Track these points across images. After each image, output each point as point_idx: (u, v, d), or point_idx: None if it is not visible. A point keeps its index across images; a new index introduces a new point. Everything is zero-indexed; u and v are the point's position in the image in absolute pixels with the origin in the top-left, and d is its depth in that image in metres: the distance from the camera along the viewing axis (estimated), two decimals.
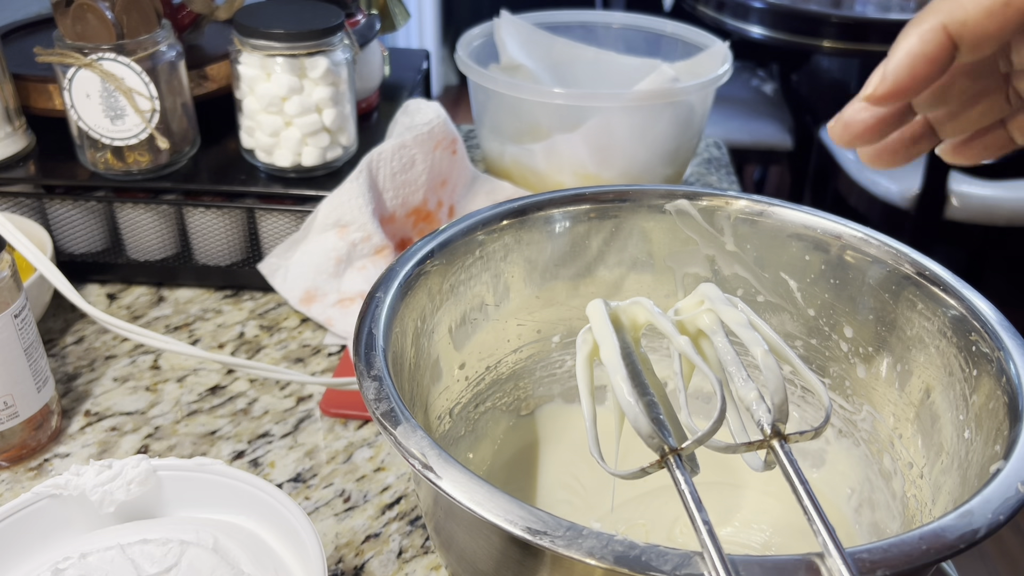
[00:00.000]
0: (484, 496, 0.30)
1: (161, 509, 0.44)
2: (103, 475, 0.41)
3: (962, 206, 1.61)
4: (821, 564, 0.28)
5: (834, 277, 0.45)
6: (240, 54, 0.66)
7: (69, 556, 0.39)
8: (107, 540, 0.40)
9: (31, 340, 0.51)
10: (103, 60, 0.62)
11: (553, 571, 0.32)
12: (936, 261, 0.43)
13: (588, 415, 0.35)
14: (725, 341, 0.35)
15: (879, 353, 0.44)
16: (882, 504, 0.44)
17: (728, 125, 1.83)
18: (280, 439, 0.56)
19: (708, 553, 0.28)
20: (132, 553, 0.39)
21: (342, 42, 0.67)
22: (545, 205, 0.47)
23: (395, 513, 0.51)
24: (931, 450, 0.41)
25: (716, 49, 0.81)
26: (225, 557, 0.39)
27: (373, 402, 0.35)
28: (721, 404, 0.31)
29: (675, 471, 0.31)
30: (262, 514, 0.42)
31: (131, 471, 0.42)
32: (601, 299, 0.37)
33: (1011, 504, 0.30)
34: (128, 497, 0.42)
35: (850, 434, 0.47)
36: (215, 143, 0.73)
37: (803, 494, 0.30)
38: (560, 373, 0.52)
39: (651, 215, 0.48)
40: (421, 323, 0.43)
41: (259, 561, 0.40)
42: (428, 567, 0.48)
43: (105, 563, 0.38)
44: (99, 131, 0.65)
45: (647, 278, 0.49)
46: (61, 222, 0.69)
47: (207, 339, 0.66)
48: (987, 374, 0.38)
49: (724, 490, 0.48)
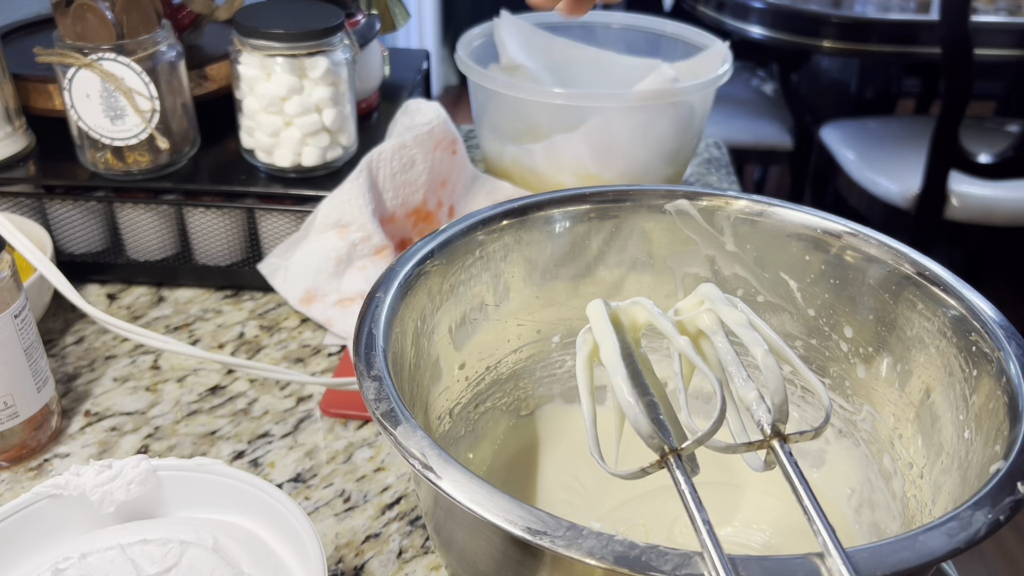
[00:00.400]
0: (484, 496, 0.30)
1: (161, 509, 0.44)
2: (103, 475, 0.42)
3: (962, 206, 1.61)
4: (821, 564, 0.28)
5: (834, 277, 0.45)
6: (240, 54, 0.66)
7: (69, 556, 0.39)
8: (107, 540, 0.40)
9: (31, 340, 0.51)
10: (103, 60, 0.62)
11: (553, 571, 0.32)
12: (936, 261, 0.43)
13: (588, 415, 0.35)
14: (725, 341, 0.35)
15: (879, 353, 0.44)
16: (882, 504, 0.44)
17: (728, 125, 1.83)
18: (280, 439, 0.56)
19: (708, 553, 0.28)
20: (132, 553, 0.39)
21: (342, 42, 0.67)
22: (545, 205, 0.47)
23: (395, 513, 0.51)
24: (931, 450, 0.41)
25: (716, 49, 0.81)
26: (225, 557, 0.39)
27: (373, 402, 0.35)
28: (721, 404, 0.31)
29: (675, 471, 0.31)
30: (262, 514, 0.42)
31: (131, 471, 0.42)
32: (601, 299, 0.37)
33: (1011, 504, 0.30)
34: (128, 497, 0.42)
35: (850, 434, 0.47)
36: (215, 143, 0.73)
37: (803, 494, 0.30)
38: (560, 373, 0.52)
39: (651, 215, 0.48)
40: (421, 323, 0.43)
41: (259, 561, 0.40)
42: (428, 567, 0.48)
43: (105, 563, 0.38)
44: (99, 131, 0.65)
45: (647, 278, 0.49)
46: (61, 222, 0.69)
47: (207, 339, 0.66)
48: (987, 374, 0.38)
49: (724, 490, 0.48)
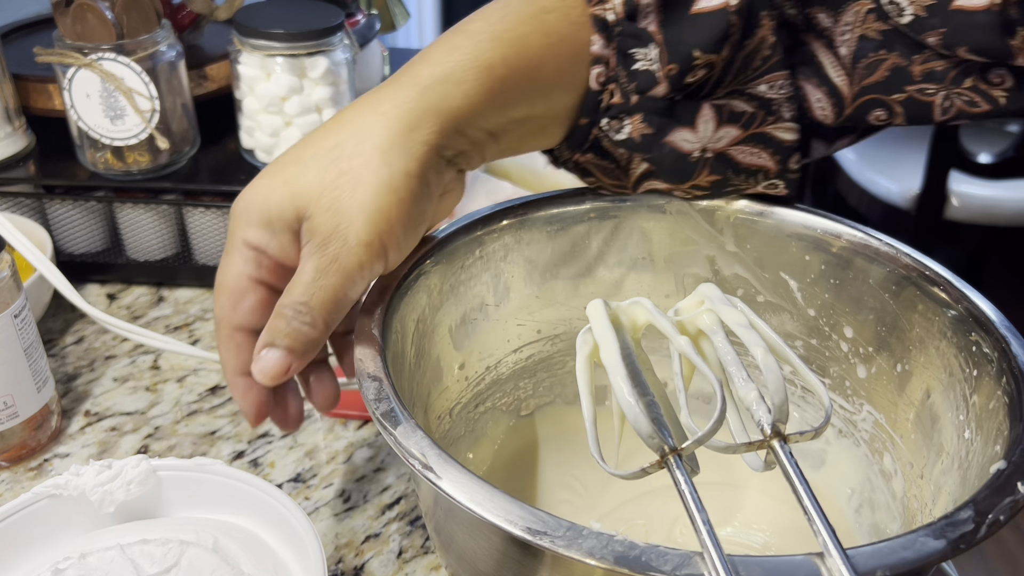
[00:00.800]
0: (484, 496, 0.30)
1: (161, 509, 0.44)
2: (103, 475, 0.41)
3: (962, 206, 1.61)
4: (821, 564, 0.28)
5: (834, 277, 0.45)
6: (240, 54, 0.66)
7: (69, 556, 0.39)
8: (107, 540, 0.40)
9: (31, 340, 0.51)
10: (103, 60, 0.62)
11: (553, 571, 0.32)
12: (936, 261, 0.43)
13: (588, 415, 0.35)
14: (725, 341, 0.35)
15: (879, 353, 0.44)
16: (882, 504, 0.44)
17: None
18: (280, 439, 0.56)
19: (708, 553, 0.28)
20: (132, 553, 0.39)
21: (342, 42, 0.67)
22: (545, 205, 0.47)
23: (395, 513, 0.51)
24: (931, 450, 0.41)
25: None
26: (225, 557, 0.39)
27: (373, 402, 0.35)
28: (721, 404, 0.31)
29: (675, 471, 0.31)
30: (262, 514, 0.42)
31: (131, 471, 0.42)
32: (601, 299, 0.37)
33: (1011, 504, 0.30)
34: (128, 497, 0.42)
35: (850, 434, 0.47)
36: (215, 143, 0.73)
37: (803, 494, 0.30)
38: (560, 373, 0.52)
39: (651, 215, 0.47)
40: (421, 323, 0.43)
41: (259, 561, 0.40)
42: (428, 567, 0.48)
43: (105, 563, 0.38)
44: (99, 131, 0.65)
45: (647, 278, 0.49)
46: (61, 222, 0.69)
47: (207, 339, 0.66)
48: (987, 375, 0.38)
49: (724, 490, 0.48)
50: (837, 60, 0.41)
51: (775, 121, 0.42)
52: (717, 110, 0.41)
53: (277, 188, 0.37)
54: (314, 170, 0.36)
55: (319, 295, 0.36)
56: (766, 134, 0.42)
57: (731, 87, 0.41)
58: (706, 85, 0.40)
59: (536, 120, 0.40)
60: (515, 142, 0.41)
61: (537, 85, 0.39)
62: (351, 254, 0.36)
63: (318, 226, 0.36)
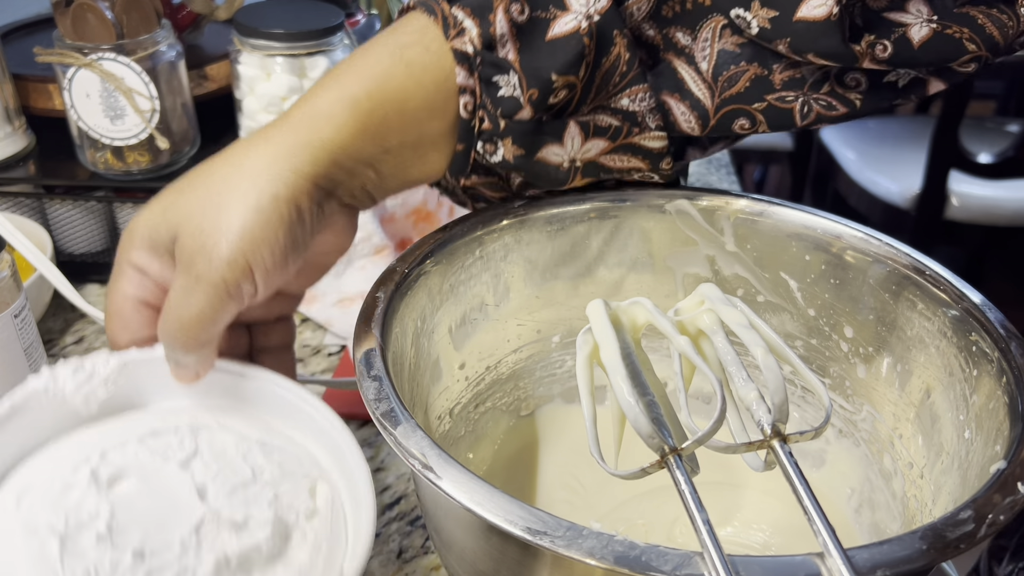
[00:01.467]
0: (484, 496, 0.30)
1: (141, 401, 0.42)
2: (79, 375, 0.40)
3: (962, 206, 1.61)
4: (821, 564, 0.28)
5: (834, 277, 0.45)
6: (240, 54, 0.66)
7: (89, 456, 0.37)
8: (112, 437, 0.39)
9: (31, 340, 0.51)
10: (103, 60, 0.62)
11: (553, 571, 0.32)
12: (936, 261, 0.43)
13: (588, 415, 0.35)
14: (725, 341, 0.35)
15: (879, 353, 0.44)
16: (882, 504, 0.44)
17: None
18: None
19: (708, 553, 0.28)
20: (151, 445, 0.38)
21: (342, 42, 0.67)
22: (545, 205, 0.47)
23: (395, 513, 0.51)
24: (931, 450, 0.41)
25: None
26: (234, 433, 0.39)
27: (373, 402, 0.35)
28: (721, 404, 0.31)
29: (675, 471, 0.31)
30: (237, 394, 0.42)
31: (103, 369, 0.41)
32: (601, 299, 0.37)
33: (1011, 504, 0.30)
34: (107, 395, 0.41)
35: (850, 434, 0.47)
36: (215, 143, 0.73)
37: (803, 494, 0.30)
38: (560, 373, 0.52)
39: (651, 215, 0.47)
40: (421, 323, 0.43)
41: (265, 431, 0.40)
42: (428, 567, 0.48)
43: (132, 458, 0.37)
44: (99, 131, 0.65)
45: (647, 278, 0.49)
46: (61, 222, 0.69)
47: None
48: (987, 374, 0.38)
49: (724, 490, 0.48)
50: (699, 75, 0.42)
51: (640, 132, 0.43)
52: (583, 126, 0.43)
53: (157, 212, 0.39)
54: (190, 196, 0.39)
55: (186, 313, 0.37)
56: (634, 144, 0.44)
57: (595, 103, 0.42)
58: (570, 104, 0.42)
59: (411, 148, 0.42)
60: (395, 170, 0.42)
61: (406, 115, 0.40)
62: (214, 271, 0.37)
63: (185, 246, 0.38)
